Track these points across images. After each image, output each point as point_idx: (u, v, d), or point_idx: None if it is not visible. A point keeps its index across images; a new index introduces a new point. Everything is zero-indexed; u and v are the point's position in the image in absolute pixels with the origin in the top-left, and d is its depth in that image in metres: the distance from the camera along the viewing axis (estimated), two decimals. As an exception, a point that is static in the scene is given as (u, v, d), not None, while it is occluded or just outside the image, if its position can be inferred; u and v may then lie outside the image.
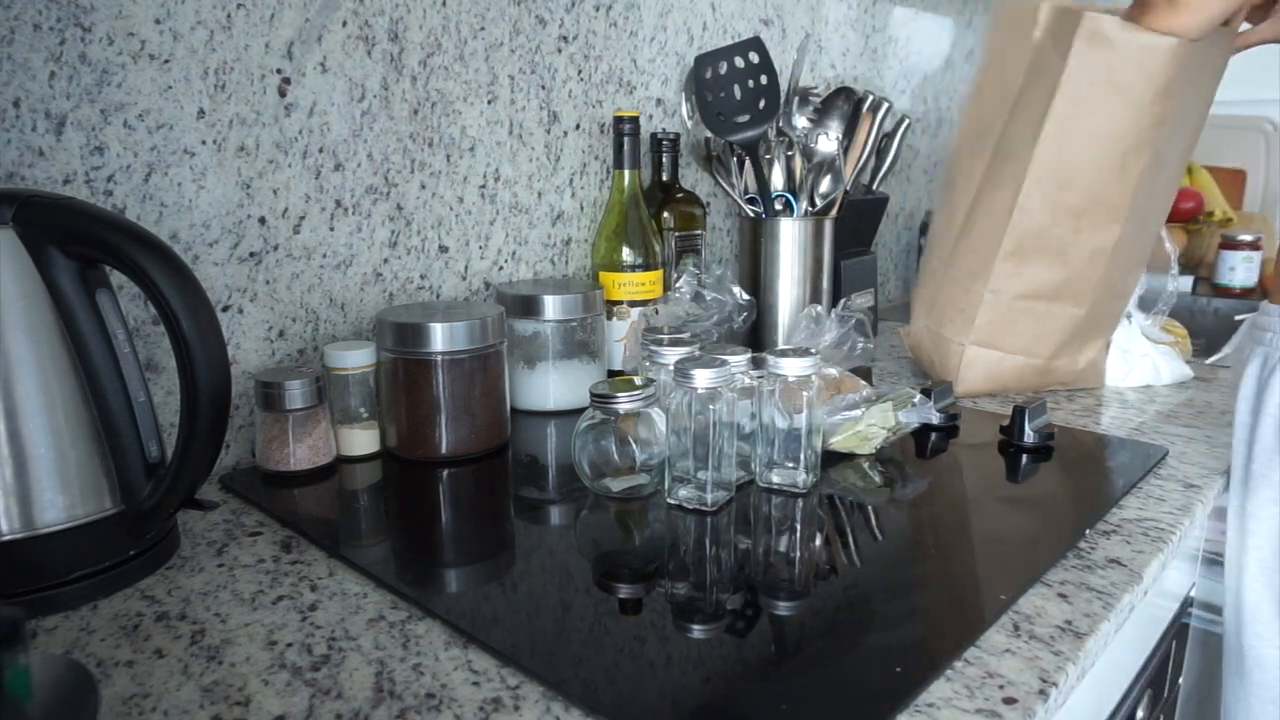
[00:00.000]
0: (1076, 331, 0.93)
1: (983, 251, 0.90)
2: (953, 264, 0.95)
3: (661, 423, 0.67)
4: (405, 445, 0.76)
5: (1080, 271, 0.88)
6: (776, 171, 1.04)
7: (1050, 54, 0.83)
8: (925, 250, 0.99)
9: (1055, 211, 0.86)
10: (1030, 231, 0.87)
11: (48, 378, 0.53)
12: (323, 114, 0.79)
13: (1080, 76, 0.80)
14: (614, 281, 0.97)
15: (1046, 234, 0.87)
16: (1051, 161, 0.84)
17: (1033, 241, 0.87)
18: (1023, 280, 0.89)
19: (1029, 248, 0.88)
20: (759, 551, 0.61)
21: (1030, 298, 0.90)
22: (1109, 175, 0.84)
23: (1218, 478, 0.75)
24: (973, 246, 0.91)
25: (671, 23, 1.11)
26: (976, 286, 0.91)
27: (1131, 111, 0.80)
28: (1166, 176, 0.89)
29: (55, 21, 0.63)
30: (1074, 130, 0.82)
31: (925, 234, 1.58)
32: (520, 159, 0.96)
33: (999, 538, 0.64)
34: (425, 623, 0.52)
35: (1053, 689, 0.45)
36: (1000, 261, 0.88)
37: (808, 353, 0.68)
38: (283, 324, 0.79)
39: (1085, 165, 0.83)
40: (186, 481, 0.55)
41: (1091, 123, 0.82)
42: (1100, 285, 0.90)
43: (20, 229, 0.52)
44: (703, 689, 0.45)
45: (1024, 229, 0.87)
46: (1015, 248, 0.88)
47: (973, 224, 0.92)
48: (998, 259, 0.88)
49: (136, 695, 0.45)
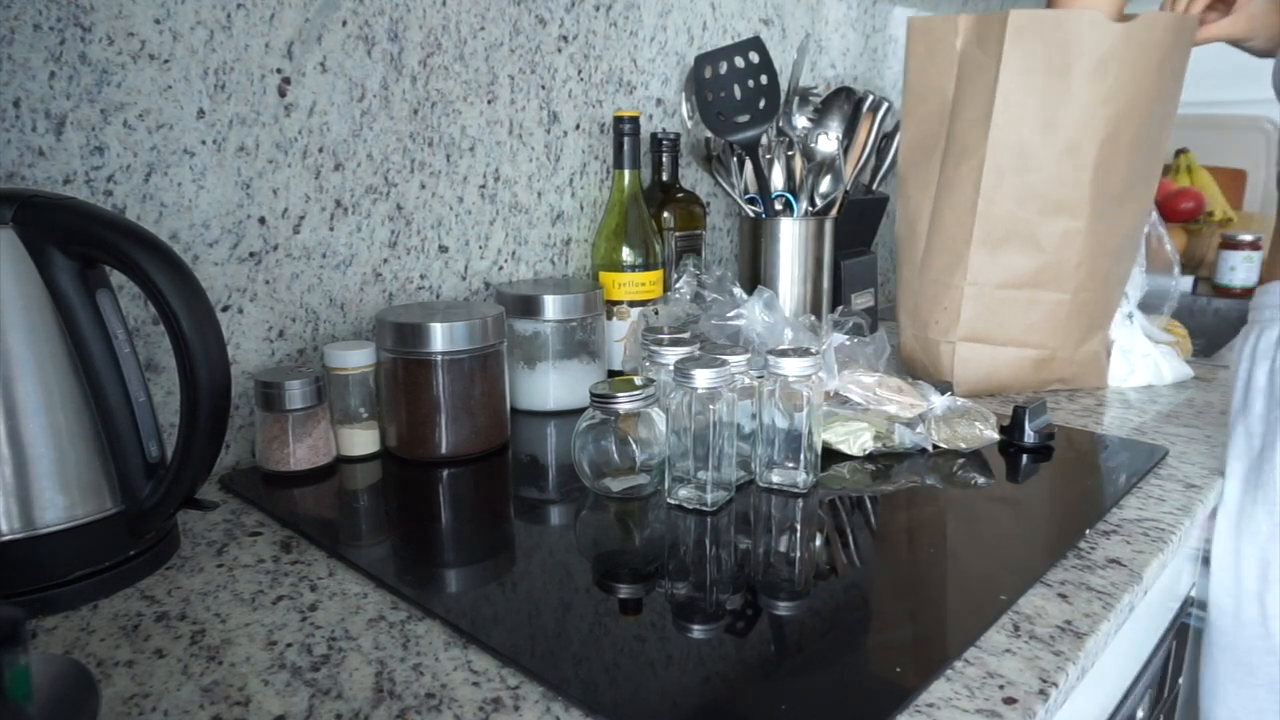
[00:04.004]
0: (1067, 320, 0.93)
1: (955, 247, 0.93)
2: (927, 267, 0.96)
3: (661, 423, 0.67)
4: (405, 445, 0.76)
5: (1057, 255, 0.90)
6: (776, 171, 1.04)
7: (979, 55, 0.88)
8: (895, 265, 1.01)
9: (1018, 196, 0.89)
10: (998, 218, 0.89)
11: (48, 378, 0.53)
12: (323, 114, 0.79)
13: (1016, 65, 0.85)
14: (614, 281, 0.97)
15: (1014, 219, 0.89)
16: (1006, 149, 0.88)
17: (1002, 228, 0.90)
18: (1000, 268, 0.91)
19: (1000, 234, 0.90)
20: (759, 551, 0.61)
21: (1011, 286, 0.92)
22: (1064, 155, 0.87)
23: (1218, 478, 0.75)
24: (944, 245, 0.94)
25: (671, 23, 1.11)
26: (955, 281, 0.93)
27: (1073, 91, 0.85)
28: (1137, 158, 0.91)
29: (55, 21, 0.63)
30: (1022, 116, 0.87)
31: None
32: (520, 159, 0.96)
33: (999, 538, 0.64)
34: (425, 623, 0.52)
35: (1053, 689, 0.45)
36: (974, 252, 0.91)
37: (808, 352, 0.68)
38: (283, 324, 0.79)
39: (1038, 148, 0.87)
40: (186, 481, 0.55)
41: (1037, 106, 0.86)
42: (1082, 270, 0.91)
43: (20, 229, 0.52)
44: (703, 689, 0.45)
45: (991, 216, 0.90)
46: (986, 235, 0.90)
47: (939, 226, 0.94)
48: (971, 250, 0.91)
49: (137, 695, 0.45)
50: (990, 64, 0.87)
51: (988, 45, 0.87)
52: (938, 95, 0.93)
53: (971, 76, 0.90)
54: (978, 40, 0.89)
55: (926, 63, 0.94)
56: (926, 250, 0.96)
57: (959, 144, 0.91)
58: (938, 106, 0.94)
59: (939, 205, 0.94)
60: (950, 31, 0.91)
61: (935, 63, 0.93)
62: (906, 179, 0.99)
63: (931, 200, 0.95)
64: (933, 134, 0.95)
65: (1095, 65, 0.84)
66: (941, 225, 0.94)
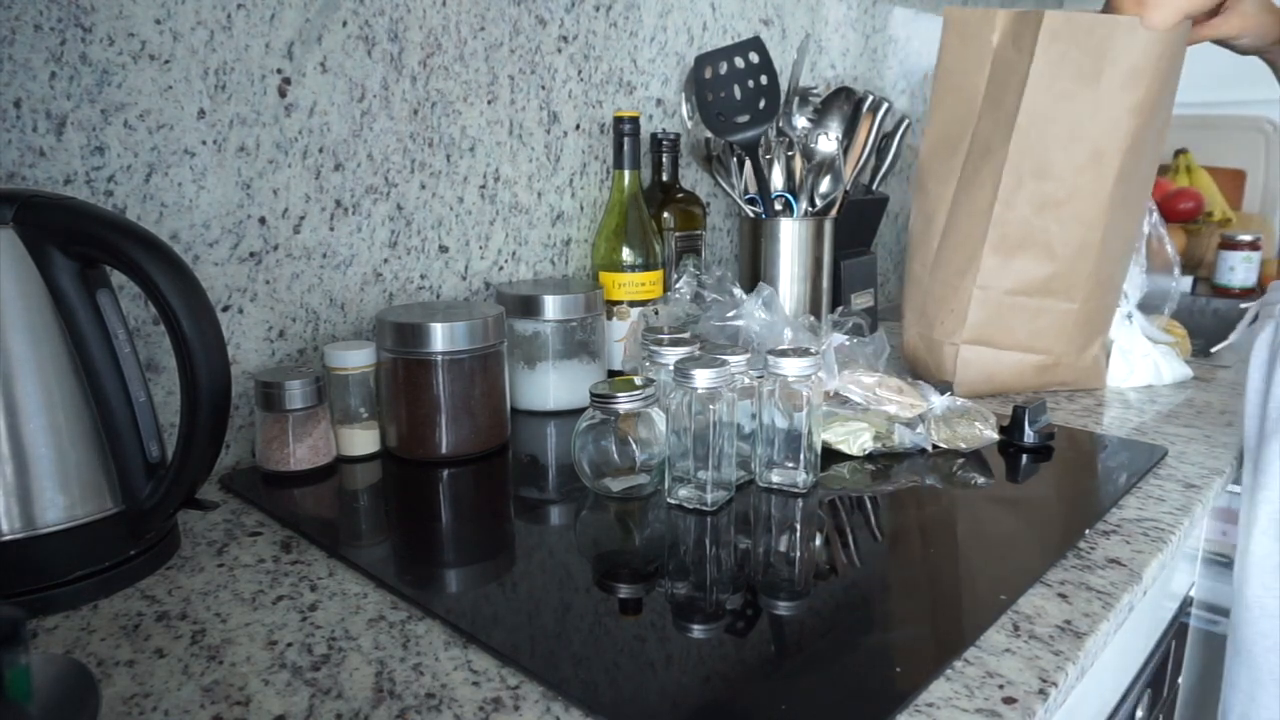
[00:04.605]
0: (1073, 328, 0.93)
1: (968, 249, 0.91)
2: (938, 266, 0.95)
3: (661, 423, 0.67)
4: (405, 445, 0.76)
5: (1070, 265, 0.89)
6: (776, 171, 1.04)
7: (1012, 54, 0.86)
8: (906, 260, 1.00)
9: (1036, 203, 0.87)
10: (1013, 224, 0.88)
11: (48, 378, 0.53)
12: (323, 114, 0.79)
13: (1047, 69, 0.83)
14: (614, 281, 0.97)
15: (1030, 226, 0.88)
16: (1028, 154, 0.86)
17: (1017, 234, 0.88)
18: (1011, 275, 0.90)
19: (1014, 240, 0.89)
20: (759, 551, 0.61)
21: (1020, 293, 0.90)
22: (1087, 165, 0.85)
23: (1218, 478, 0.75)
24: (957, 245, 0.92)
25: (671, 23, 1.11)
26: (965, 284, 0.91)
27: (1103, 99, 0.83)
28: (1145, 166, 0.90)
29: (56, 22, 0.63)
30: (1047, 122, 0.85)
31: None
32: (520, 159, 0.96)
33: (999, 537, 0.64)
34: (425, 623, 0.52)
35: (1052, 689, 0.46)
36: (987, 256, 0.89)
37: (807, 352, 0.68)
38: (283, 324, 0.79)
39: (1061, 156, 0.85)
40: (187, 481, 0.55)
41: (1064, 113, 0.84)
42: (1091, 278, 0.90)
43: (21, 229, 0.52)
44: (703, 689, 0.45)
45: (1007, 221, 0.88)
46: (1000, 240, 0.89)
47: (954, 224, 0.93)
48: (984, 253, 0.89)
49: (137, 695, 0.45)
50: (1022, 64, 0.84)
51: (1022, 44, 0.84)
52: (968, 90, 0.90)
53: (1003, 75, 0.87)
54: (1013, 38, 0.86)
55: (959, 55, 0.91)
56: (939, 249, 0.94)
57: (983, 143, 0.89)
58: (967, 101, 0.91)
59: (956, 204, 0.92)
60: (987, 26, 0.88)
61: (968, 56, 0.90)
62: (927, 173, 0.96)
63: (950, 198, 0.93)
64: (959, 129, 0.92)
65: (1127, 73, 0.82)
66: (957, 225, 0.92)
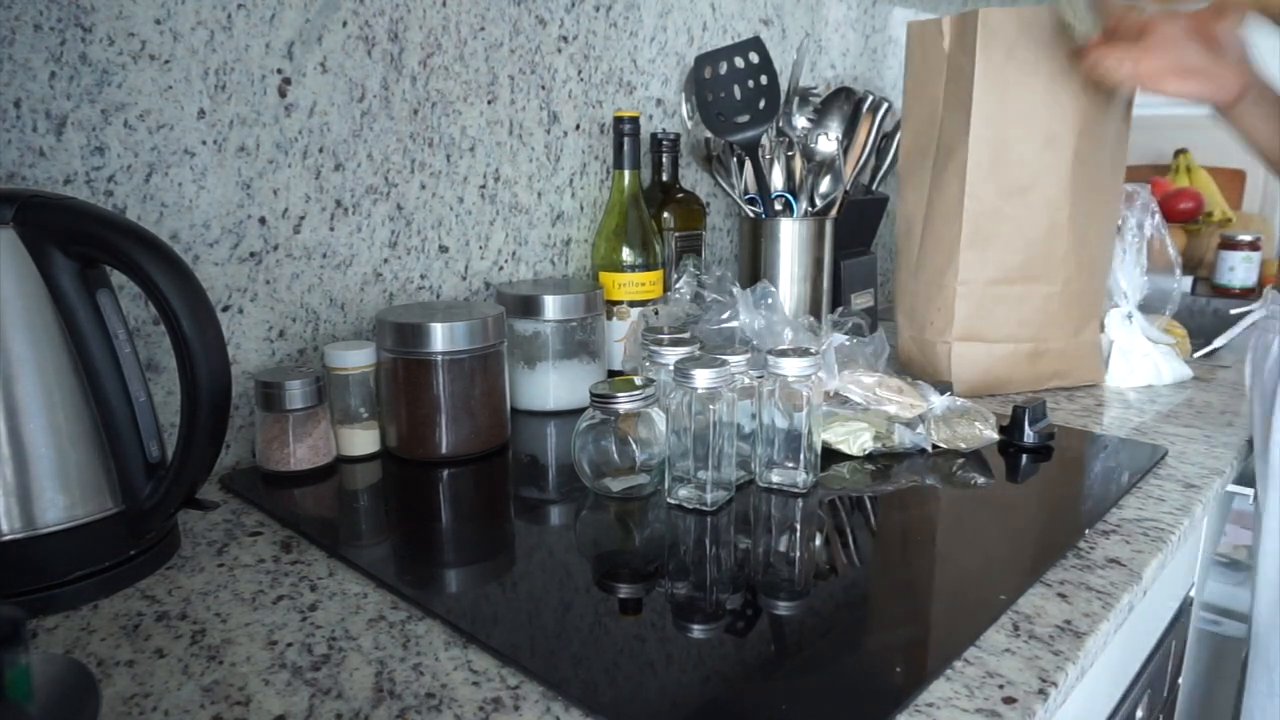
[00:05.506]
0: (1059, 311, 0.95)
1: (946, 247, 0.94)
2: (921, 268, 0.98)
3: (661, 423, 0.67)
4: (405, 445, 0.76)
5: (1043, 247, 0.92)
6: (776, 171, 1.04)
7: (960, 56, 0.90)
8: (894, 267, 1.03)
9: (1002, 192, 0.91)
10: (984, 215, 0.91)
11: (48, 378, 0.53)
12: (323, 114, 0.79)
13: (989, 66, 0.88)
14: (614, 281, 0.97)
15: (999, 215, 0.91)
16: (986, 145, 0.90)
17: (989, 224, 0.92)
18: (989, 266, 0.93)
19: (987, 231, 0.92)
20: (759, 551, 0.61)
21: (1001, 282, 0.93)
22: (1043, 149, 0.89)
23: (1217, 478, 0.75)
24: (936, 246, 0.96)
25: (671, 23, 1.11)
26: (948, 281, 0.94)
27: (1048, 86, 0.88)
28: (1109, 147, 0.93)
29: (56, 22, 0.63)
30: (999, 112, 0.89)
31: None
32: (520, 159, 0.96)
33: (998, 537, 0.64)
34: (425, 623, 0.52)
35: (1052, 689, 0.46)
36: (964, 251, 0.93)
37: (807, 352, 0.68)
38: (283, 324, 0.79)
39: (1019, 144, 0.90)
40: (187, 481, 0.55)
41: (1013, 104, 0.89)
42: (1069, 261, 0.93)
43: (21, 229, 0.52)
44: (703, 689, 0.45)
45: (977, 214, 0.92)
46: (974, 233, 0.92)
47: (931, 226, 0.96)
48: (961, 249, 0.93)
49: (137, 695, 0.45)
50: (969, 64, 0.89)
51: (965, 45, 0.89)
52: (930, 98, 0.95)
53: (955, 77, 0.91)
54: (959, 40, 0.91)
55: (921, 66, 0.96)
56: (920, 252, 0.98)
57: (947, 144, 0.93)
58: (930, 109, 0.95)
59: (931, 206, 0.96)
60: (938, 34, 0.93)
61: (928, 65, 0.95)
62: (903, 180, 1.01)
63: (925, 201, 0.97)
64: (926, 137, 0.96)
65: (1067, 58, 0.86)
66: (933, 226, 0.96)
